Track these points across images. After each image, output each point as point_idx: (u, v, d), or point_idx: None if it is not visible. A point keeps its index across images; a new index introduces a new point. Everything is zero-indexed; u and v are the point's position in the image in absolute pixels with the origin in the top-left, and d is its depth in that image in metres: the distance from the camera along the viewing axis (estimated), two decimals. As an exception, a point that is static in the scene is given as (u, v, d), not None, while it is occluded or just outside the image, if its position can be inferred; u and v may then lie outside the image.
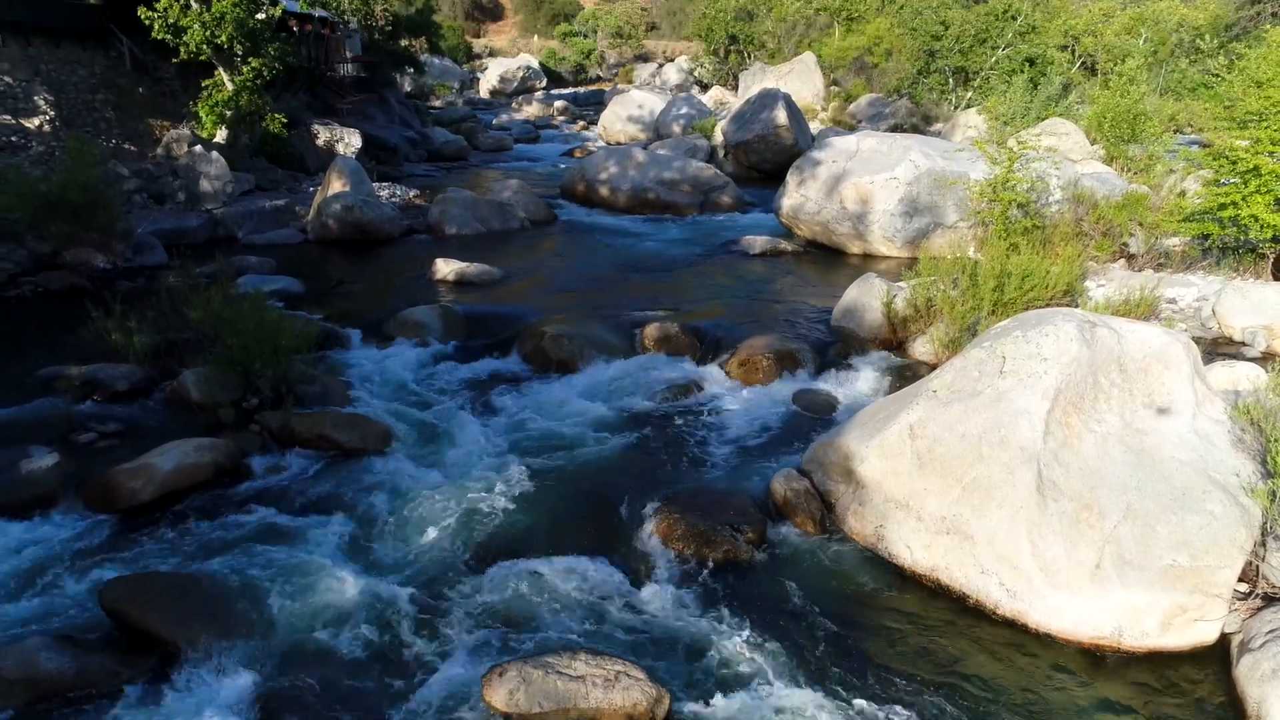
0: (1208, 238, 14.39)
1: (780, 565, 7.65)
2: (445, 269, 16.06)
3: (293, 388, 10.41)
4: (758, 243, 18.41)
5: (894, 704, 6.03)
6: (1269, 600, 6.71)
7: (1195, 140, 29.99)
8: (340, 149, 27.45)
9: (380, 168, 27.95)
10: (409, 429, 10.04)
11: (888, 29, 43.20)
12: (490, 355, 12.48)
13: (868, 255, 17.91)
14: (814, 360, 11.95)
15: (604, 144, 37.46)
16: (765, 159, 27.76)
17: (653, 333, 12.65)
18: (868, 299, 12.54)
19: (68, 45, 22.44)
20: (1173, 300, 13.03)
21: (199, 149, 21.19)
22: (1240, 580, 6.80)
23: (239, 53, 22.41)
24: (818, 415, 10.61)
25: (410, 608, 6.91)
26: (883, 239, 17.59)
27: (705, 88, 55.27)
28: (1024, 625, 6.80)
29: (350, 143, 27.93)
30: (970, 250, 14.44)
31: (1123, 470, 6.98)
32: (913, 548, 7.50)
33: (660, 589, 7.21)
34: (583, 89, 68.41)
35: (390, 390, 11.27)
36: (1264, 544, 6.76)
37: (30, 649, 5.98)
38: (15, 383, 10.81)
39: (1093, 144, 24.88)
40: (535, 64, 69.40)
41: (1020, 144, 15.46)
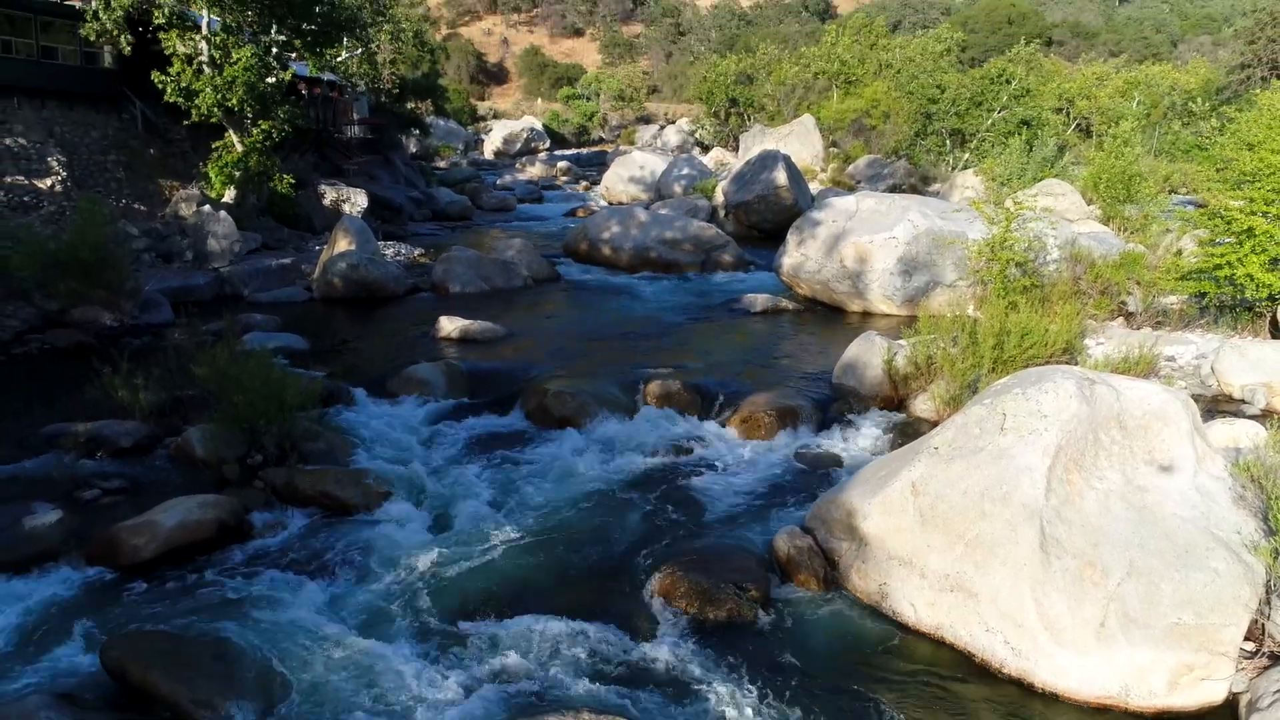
0: (1205, 296, 14.54)
1: (785, 624, 7.60)
2: (449, 326, 16.20)
3: (297, 444, 10.46)
4: (759, 301, 18.58)
5: (900, 765, 5.96)
6: (1275, 659, 6.66)
7: (1190, 200, 30.40)
8: (346, 209, 27.85)
9: (385, 227, 28.33)
10: (411, 486, 10.06)
11: (885, 92, 44.05)
12: (493, 412, 12.54)
13: (867, 313, 18.07)
14: (815, 417, 12.01)
15: (606, 204, 37.95)
16: (765, 219, 28.12)
17: (655, 389, 12.72)
18: (868, 356, 12.63)
19: (81, 108, 22.97)
20: (1171, 358, 13.12)
21: (208, 208, 21.53)
22: (1246, 639, 6.76)
23: (249, 115, 22.89)
24: (820, 471, 10.63)
25: (411, 667, 6.86)
26: (882, 297, 17.76)
27: (706, 149, 56.18)
28: (1030, 684, 6.74)
29: (356, 202, 28.35)
30: (969, 308, 14.58)
31: (1125, 527, 6.99)
32: (917, 605, 7.47)
33: (663, 648, 7.16)
34: (585, 150, 69.56)
35: (393, 447, 11.30)
36: (1269, 602, 6.74)
37: (31, 708, 5.93)
38: (20, 439, 10.87)
39: (1089, 204, 25.23)
40: (539, 126, 70.66)
41: (1017, 204, 15.70)
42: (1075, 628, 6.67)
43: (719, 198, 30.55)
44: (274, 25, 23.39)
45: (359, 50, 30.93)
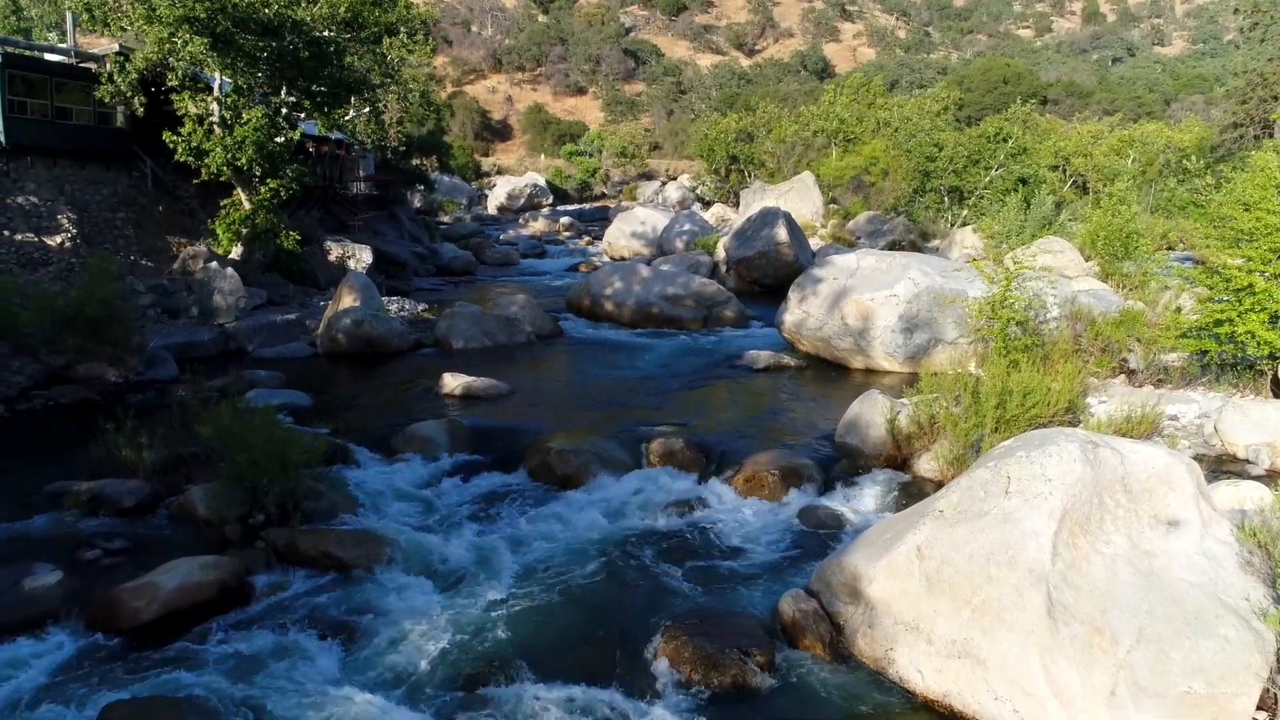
0: (1206, 354, 14.57)
1: (790, 690, 7.52)
2: (452, 383, 16.25)
3: (299, 503, 10.43)
4: (761, 358, 18.64)
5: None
6: (1289, 729, 6.58)
7: (1187, 257, 30.62)
8: (351, 264, 28.10)
9: (390, 282, 28.56)
10: (413, 546, 9.99)
11: (883, 150, 44.63)
12: (496, 470, 12.52)
13: (870, 370, 18.12)
14: (819, 476, 11.98)
15: (609, 259, 38.29)
16: (767, 275, 28.34)
17: (658, 448, 12.72)
18: (871, 415, 12.64)
19: (93, 166, 23.32)
20: (1174, 417, 13.12)
21: (214, 265, 21.73)
22: (1259, 708, 6.67)
23: (258, 174, 23.22)
24: (824, 532, 10.57)
25: (413, 734, 6.78)
26: (884, 354, 17.83)
27: (707, 205, 56.75)
28: (1040, 755, 6.64)
29: (361, 258, 28.61)
30: (971, 366, 14.61)
31: (1133, 593, 6.94)
32: (924, 672, 7.39)
33: (668, 715, 7.07)
34: (588, 205, 70.31)
35: (396, 506, 11.28)
36: (1279, 671, 6.67)
37: (26, 777, 5.86)
38: (23, 498, 10.85)
39: (1087, 260, 25.41)
40: (542, 181, 71.54)
41: (1016, 263, 15.83)
42: (1085, 696, 6.59)
43: (720, 254, 30.82)
44: (284, 87, 23.85)
45: (366, 110, 31.46)
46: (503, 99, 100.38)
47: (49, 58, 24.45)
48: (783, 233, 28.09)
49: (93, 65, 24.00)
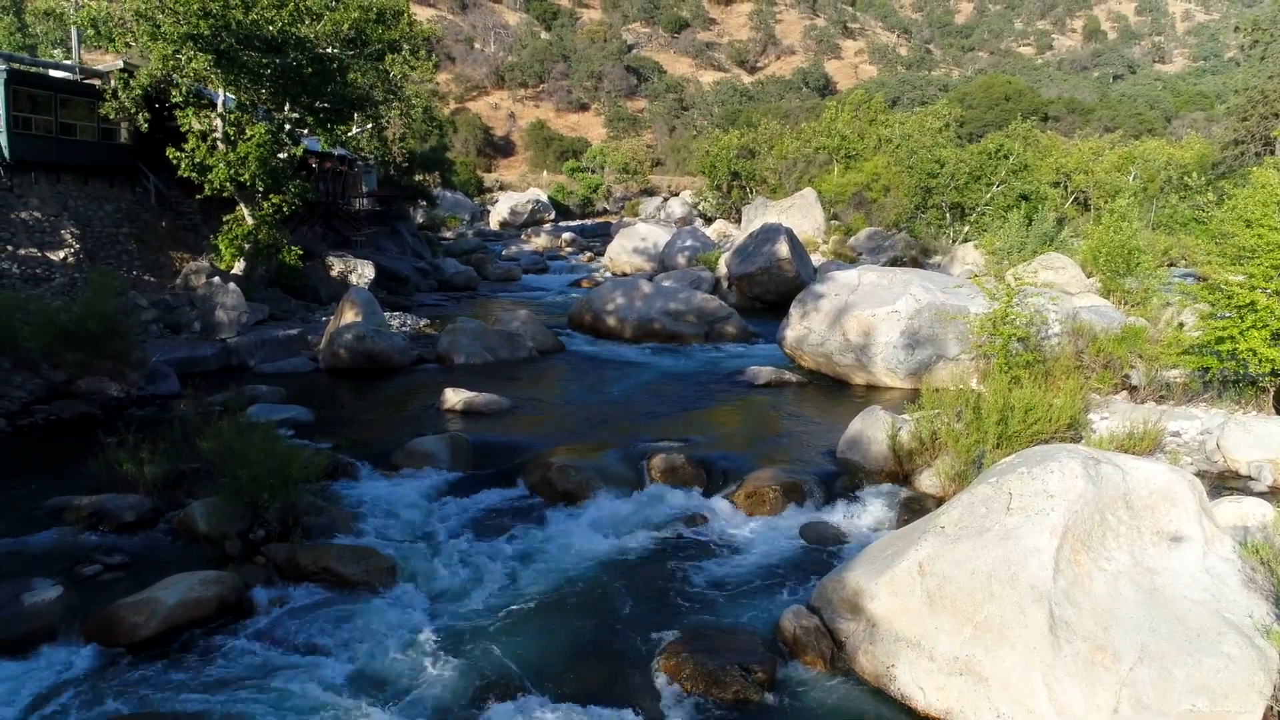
0: (1208, 370, 14.55)
1: (791, 707, 7.48)
2: (454, 398, 16.24)
3: (300, 519, 10.41)
4: (762, 373, 18.63)
5: None
6: (1294, 748, 6.53)
7: (1189, 273, 30.65)
8: (354, 279, 28.17)
9: (391, 297, 28.62)
10: (414, 561, 9.98)
11: (885, 166, 44.80)
12: (497, 485, 12.50)
13: (871, 386, 18.11)
14: (821, 492, 11.95)
15: (610, 275, 38.36)
16: (768, 290, 28.38)
17: (659, 464, 12.70)
18: (873, 431, 12.63)
19: (96, 182, 23.43)
20: (1176, 433, 13.09)
21: (216, 280, 21.79)
22: (1263, 726, 6.63)
23: (260, 189, 23.31)
24: (825, 548, 10.55)
25: (412, 751, 6.74)
26: (886, 370, 17.83)
27: (709, 221, 56.91)
28: (1043, 773, 6.60)
29: (363, 274, 28.68)
30: (973, 382, 14.61)
31: (1136, 610, 6.91)
32: (926, 689, 7.35)
33: (668, 732, 7.04)
34: (590, 221, 70.52)
35: (397, 521, 11.25)
36: (1284, 688, 6.63)
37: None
38: (23, 513, 10.84)
39: (1089, 276, 25.44)
40: (544, 197, 71.78)
41: (1018, 280, 15.84)
42: (1088, 714, 6.55)
43: (722, 269, 30.87)
44: (287, 103, 23.98)
45: (369, 126, 31.62)
46: (505, 115, 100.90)
47: (54, 74, 24.65)
48: (784, 249, 28.14)
49: (97, 82, 24.17)
